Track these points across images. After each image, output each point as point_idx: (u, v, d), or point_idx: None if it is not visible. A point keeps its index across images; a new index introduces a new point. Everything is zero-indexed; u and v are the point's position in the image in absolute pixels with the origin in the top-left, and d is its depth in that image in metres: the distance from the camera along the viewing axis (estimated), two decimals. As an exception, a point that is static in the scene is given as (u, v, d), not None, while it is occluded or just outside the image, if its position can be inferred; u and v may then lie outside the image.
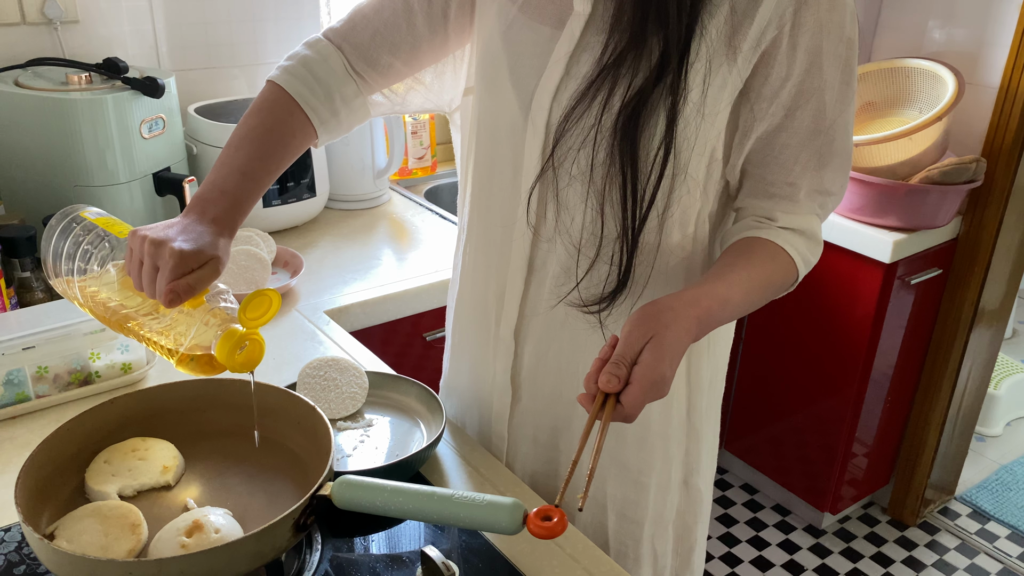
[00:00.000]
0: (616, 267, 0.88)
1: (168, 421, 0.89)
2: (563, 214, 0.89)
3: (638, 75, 0.80)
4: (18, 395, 1.05)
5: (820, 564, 2.26)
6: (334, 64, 0.95)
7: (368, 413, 1.04)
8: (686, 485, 1.04)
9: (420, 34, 0.95)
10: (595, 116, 0.82)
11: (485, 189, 0.97)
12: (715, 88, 0.82)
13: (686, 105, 0.81)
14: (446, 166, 2.18)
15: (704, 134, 0.83)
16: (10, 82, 1.38)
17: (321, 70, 0.94)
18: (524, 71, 0.87)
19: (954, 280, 2.15)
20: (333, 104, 0.95)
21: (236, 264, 1.37)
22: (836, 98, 0.84)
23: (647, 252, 0.89)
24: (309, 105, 0.93)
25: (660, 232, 0.88)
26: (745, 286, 0.83)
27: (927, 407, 2.29)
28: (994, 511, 2.46)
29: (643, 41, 0.80)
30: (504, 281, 0.96)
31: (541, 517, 0.67)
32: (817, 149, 0.85)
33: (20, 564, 0.81)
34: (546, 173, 0.88)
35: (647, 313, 0.75)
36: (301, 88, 0.93)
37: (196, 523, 0.74)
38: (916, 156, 1.91)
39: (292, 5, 1.84)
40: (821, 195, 0.88)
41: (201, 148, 1.61)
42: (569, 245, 0.90)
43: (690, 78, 0.80)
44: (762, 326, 2.29)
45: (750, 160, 0.87)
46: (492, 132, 0.93)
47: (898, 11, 2.21)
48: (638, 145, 0.82)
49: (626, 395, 0.72)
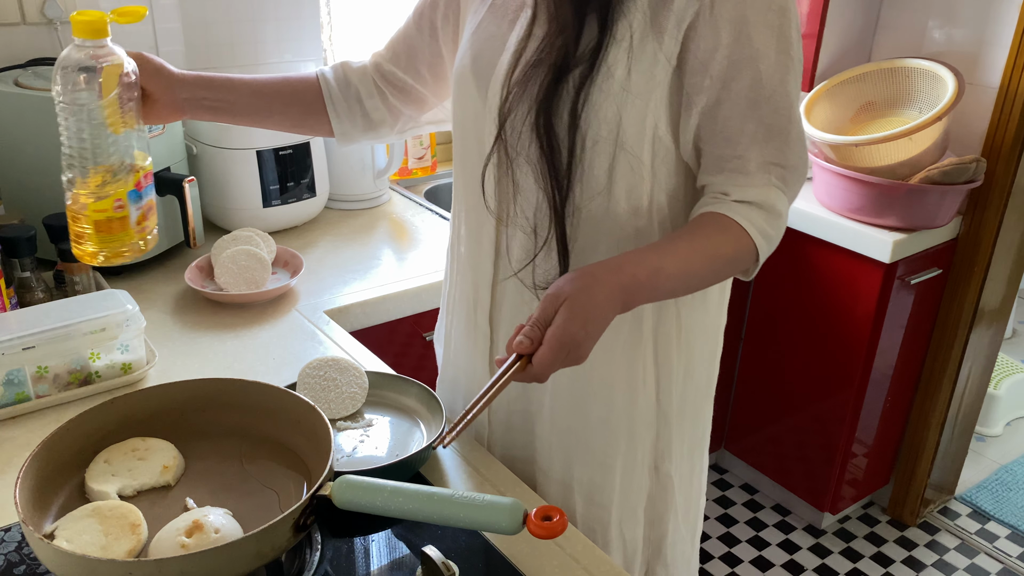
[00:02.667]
0: (557, 245, 0.91)
1: (168, 421, 0.89)
2: (519, 197, 0.93)
3: (566, 58, 0.85)
4: (18, 395, 1.05)
5: (820, 564, 2.26)
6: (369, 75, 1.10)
7: (368, 413, 1.04)
8: (656, 471, 1.05)
9: (415, 46, 1.06)
10: (532, 99, 0.87)
11: (460, 178, 1.02)
12: (643, 66, 0.84)
13: (613, 83, 0.84)
14: (446, 166, 2.18)
15: (636, 111, 0.85)
16: (10, 82, 1.38)
17: (351, 68, 1.11)
18: (483, 63, 0.93)
19: (954, 280, 2.15)
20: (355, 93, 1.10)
21: (236, 264, 1.38)
22: (773, 67, 0.84)
23: (595, 231, 0.91)
24: (331, 98, 1.09)
25: (607, 210, 0.90)
26: (684, 254, 0.84)
27: (927, 407, 2.29)
28: (994, 511, 2.46)
29: (572, 25, 0.85)
30: (479, 271, 1.01)
31: (541, 517, 0.67)
32: (761, 119, 0.85)
33: (20, 564, 0.81)
34: (499, 157, 0.92)
35: (566, 278, 0.78)
36: (328, 72, 1.10)
37: (196, 523, 0.74)
38: (916, 156, 1.91)
39: (292, 5, 1.84)
40: (780, 167, 0.87)
41: (201, 148, 1.61)
42: (526, 228, 0.94)
43: (613, 57, 0.84)
44: (762, 326, 2.29)
45: (700, 137, 0.88)
46: (462, 123, 0.99)
47: (898, 11, 2.21)
48: (552, 123, 0.86)
49: (536, 356, 0.75)
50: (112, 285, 1.29)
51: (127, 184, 0.94)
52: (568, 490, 1.04)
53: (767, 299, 2.25)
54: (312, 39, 1.91)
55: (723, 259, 0.86)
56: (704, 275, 0.87)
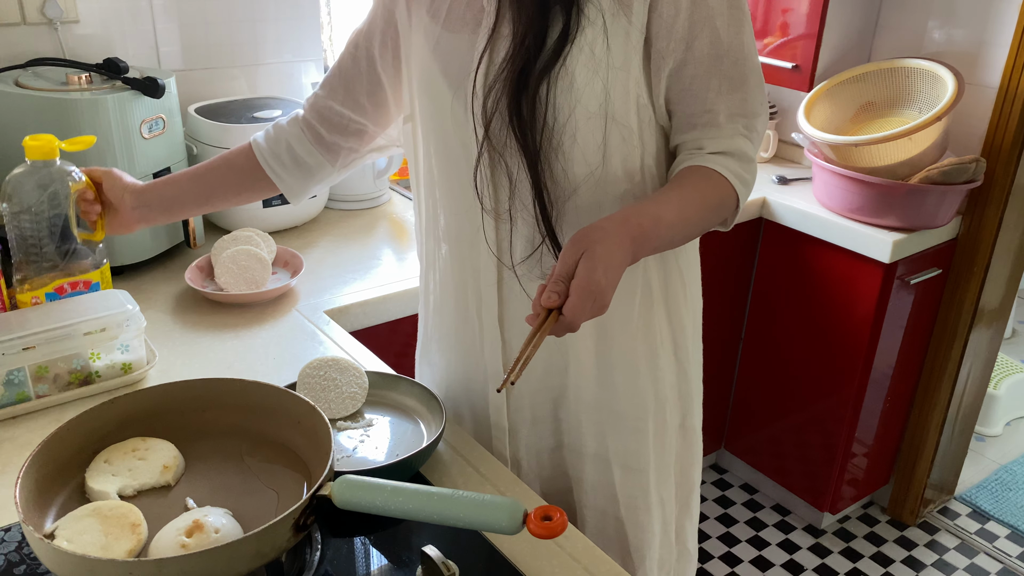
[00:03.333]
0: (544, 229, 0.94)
1: (168, 421, 0.89)
2: (515, 190, 0.95)
3: (537, 51, 0.88)
4: (18, 395, 1.05)
5: (820, 564, 2.26)
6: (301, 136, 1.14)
7: (368, 413, 1.04)
8: (683, 428, 1.10)
9: (352, 79, 1.10)
10: (508, 92, 0.90)
11: (446, 187, 1.03)
12: (618, 40, 0.89)
13: (594, 59, 0.89)
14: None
15: (621, 82, 0.90)
16: (10, 82, 1.38)
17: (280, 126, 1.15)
18: (455, 72, 0.96)
19: (954, 280, 2.15)
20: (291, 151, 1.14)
21: (236, 264, 1.38)
22: (727, 22, 0.90)
23: (596, 204, 0.94)
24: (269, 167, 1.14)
25: (606, 182, 0.94)
26: (678, 204, 0.89)
27: (927, 407, 2.29)
28: (994, 511, 2.46)
29: (540, 17, 0.88)
30: (479, 273, 1.02)
31: (541, 517, 0.67)
32: (725, 73, 0.91)
33: (20, 564, 0.81)
34: (490, 157, 0.94)
35: (579, 235, 0.82)
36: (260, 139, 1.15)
37: (196, 523, 0.74)
38: (916, 156, 1.91)
39: (292, 5, 1.84)
40: (744, 117, 0.93)
41: (201, 148, 1.61)
42: (528, 218, 0.96)
43: (591, 36, 0.89)
44: (762, 326, 2.29)
45: (670, 99, 0.94)
46: (440, 134, 1.00)
47: (898, 11, 2.21)
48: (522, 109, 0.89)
49: (566, 306, 0.78)
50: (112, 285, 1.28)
51: None
52: (604, 463, 1.07)
53: (767, 299, 2.25)
54: (312, 39, 1.91)
55: (711, 205, 0.92)
56: (697, 222, 0.92)
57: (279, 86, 1.89)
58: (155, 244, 1.48)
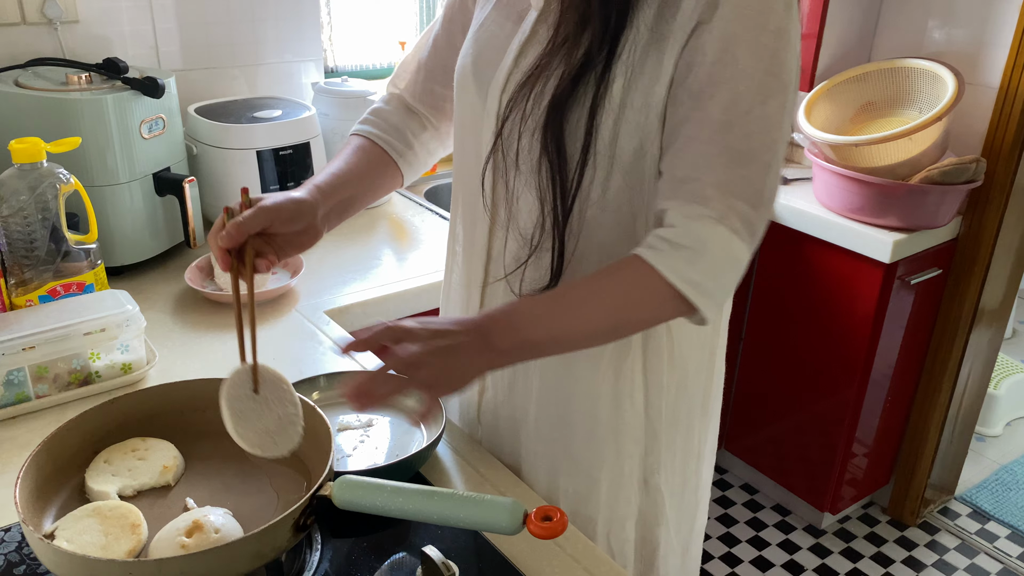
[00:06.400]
0: (551, 257, 0.89)
1: (168, 421, 0.89)
2: (512, 202, 0.92)
3: (567, 68, 0.82)
4: (18, 395, 1.05)
5: (820, 564, 2.26)
6: (395, 105, 1.09)
7: (368, 413, 1.04)
8: (646, 485, 1.02)
9: (448, 56, 1.04)
10: (529, 106, 0.85)
11: (459, 180, 1.02)
12: (643, 80, 0.80)
13: (611, 98, 0.81)
14: (446, 166, 2.18)
15: (633, 126, 0.82)
16: (10, 82, 1.38)
17: (386, 112, 1.08)
18: (484, 64, 0.92)
19: (954, 280, 2.15)
20: (405, 138, 1.07)
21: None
22: (754, 89, 0.77)
23: (585, 245, 0.89)
24: (384, 141, 1.05)
25: (600, 225, 0.88)
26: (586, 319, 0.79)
27: (927, 407, 2.29)
28: (994, 511, 2.46)
29: (578, 34, 0.82)
30: (472, 270, 1.00)
31: (541, 517, 0.67)
32: (730, 144, 0.77)
33: (20, 564, 0.81)
34: (495, 160, 0.91)
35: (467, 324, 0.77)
36: (374, 129, 1.06)
37: (196, 523, 0.74)
38: (916, 156, 1.91)
39: (292, 5, 1.84)
40: (741, 201, 0.77)
41: (201, 148, 1.61)
42: (516, 233, 0.92)
43: (616, 71, 0.80)
44: (762, 326, 2.29)
45: (663, 156, 0.82)
46: (461, 123, 0.99)
47: (898, 11, 2.21)
48: (563, 137, 0.83)
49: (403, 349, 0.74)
50: (112, 285, 1.28)
51: None
52: (553, 499, 1.02)
53: (767, 299, 2.25)
54: (312, 39, 1.91)
55: (635, 313, 0.81)
56: (609, 331, 0.82)
57: (279, 86, 1.89)
58: (155, 244, 1.48)
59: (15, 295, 1.15)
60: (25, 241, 1.14)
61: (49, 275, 1.16)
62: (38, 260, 1.16)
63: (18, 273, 1.15)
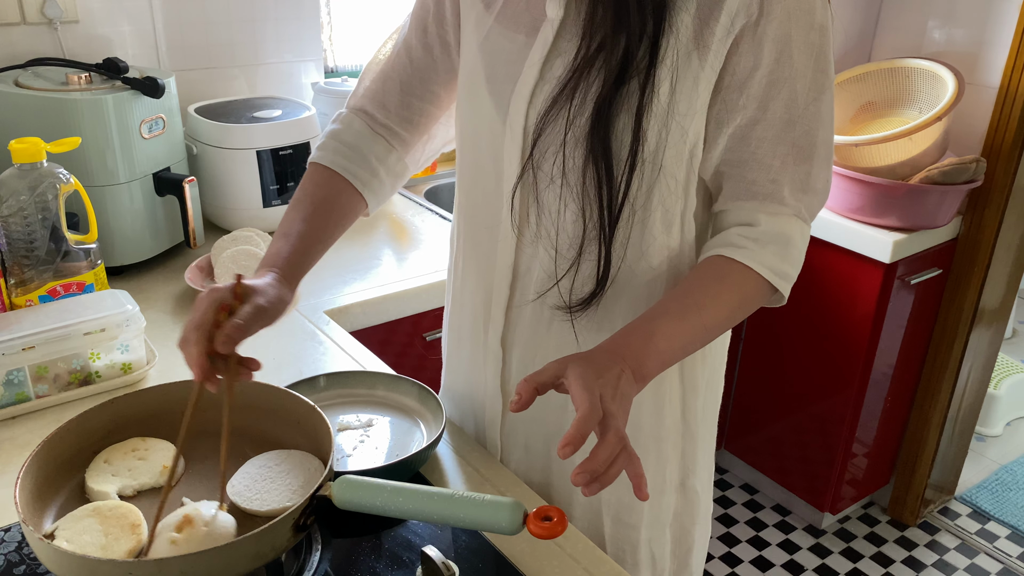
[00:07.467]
0: (595, 268, 0.88)
1: (168, 421, 0.89)
2: (544, 216, 0.89)
3: (608, 76, 0.81)
4: (18, 395, 1.05)
5: (820, 564, 2.26)
6: (358, 127, 1.02)
7: (368, 413, 1.04)
8: (683, 487, 1.03)
9: (426, 68, 1.00)
10: (568, 118, 0.83)
11: (470, 195, 0.98)
12: (687, 84, 0.81)
13: (658, 103, 0.81)
14: (446, 166, 2.18)
15: (679, 131, 0.82)
16: (10, 82, 1.38)
17: (348, 136, 1.01)
18: (500, 78, 0.89)
19: (954, 280, 2.15)
20: (370, 164, 1.01)
21: (236, 264, 1.38)
22: (808, 86, 0.82)
23: (630, 253, 0.88)
24: (347, 171, 0.99)
25: (643, 232, 0.87)
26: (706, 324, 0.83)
27: (927, 407, 2.29)
28: (994, 511, 2.46)
29: (614, 42, 0.80)
30: (491, 287, 0.97)
31: (541, 517, 0.67)
32: (794, 141, 0.83)
33: (20, 564, 0.81)
34: (526, 176, 0.88)
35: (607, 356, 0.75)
36: (336, 157, 0.99)
37: (186, 517, 0.74)
38: (916, 156, 1.91)
39: (292, 5, 1.84)
40: (806, 194, 0.86)
41: (201, 148, 1.61)
42: (550, 247, 0.90)
43: (659, 76, 0.80)
44: (762, 326, 2.29)
45: (728, 160, 0.85)
46: (473, 139, 0.95)
47: (898, 11, 2.21)
48: (609, 145, 0.82)
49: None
50: (112, 285, 1.29)
51: None
52: (595, 512, 1.01)
53: (767, 299, 2.25)
54: (312, 39, 1.91)
55: (740, 312, 0.87)
56: (724, 327, 0.87)
57: (279, 86, 1.89)
58: (155, 244, 1.48)
59: (15, 295, 1.15)
60: (25, 241, 1.15)
61: (49, 275, 1.16)
62: (38, 260, 1.16)
63: (18, 273, 1.15)
